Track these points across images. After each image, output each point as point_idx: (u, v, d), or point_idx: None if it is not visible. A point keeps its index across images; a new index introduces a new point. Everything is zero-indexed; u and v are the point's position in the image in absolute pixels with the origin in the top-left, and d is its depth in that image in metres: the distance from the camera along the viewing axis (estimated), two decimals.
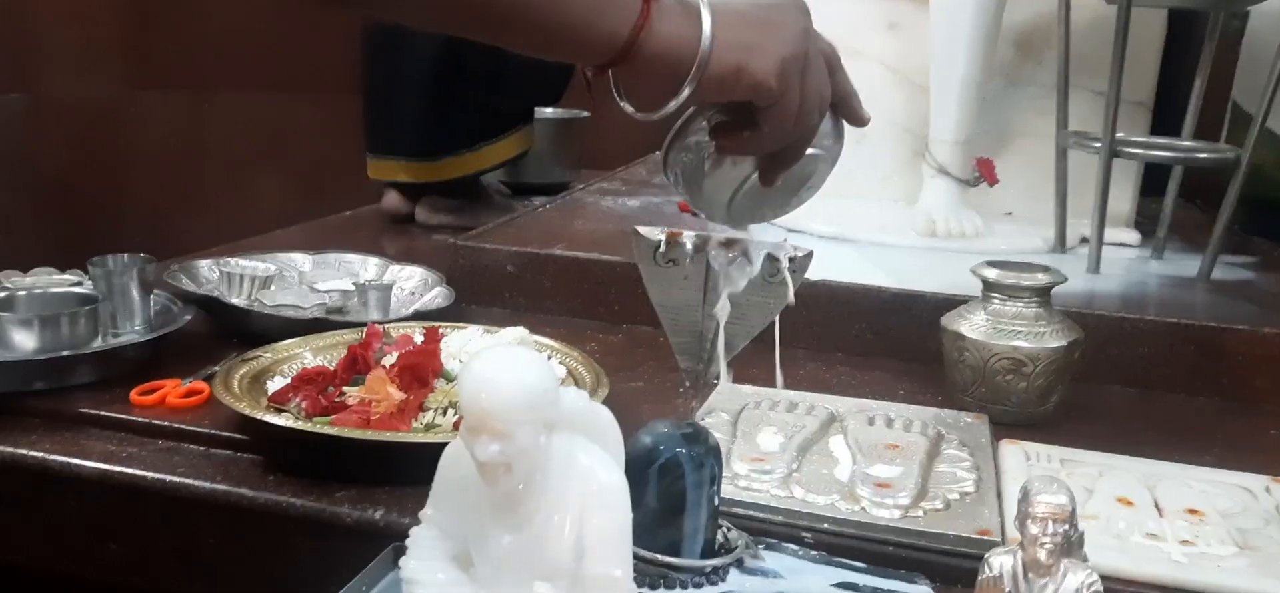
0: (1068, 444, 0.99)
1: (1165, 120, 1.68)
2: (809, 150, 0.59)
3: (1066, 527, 0.51)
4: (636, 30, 0.52)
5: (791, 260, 0.63)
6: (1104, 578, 0.75)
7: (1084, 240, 1.53)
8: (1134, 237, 1.66)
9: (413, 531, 0.49)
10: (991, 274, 1.07)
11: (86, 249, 1.22)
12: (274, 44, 2.92)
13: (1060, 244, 1.56)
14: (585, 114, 2.33)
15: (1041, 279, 1.05)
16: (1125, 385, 1.22)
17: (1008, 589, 0.52)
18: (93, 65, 2.43)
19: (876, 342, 1.28)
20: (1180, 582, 0.76)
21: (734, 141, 0.57)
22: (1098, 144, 1.41)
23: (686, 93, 0.53)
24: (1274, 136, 1.64)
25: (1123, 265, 1.53)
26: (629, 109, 0.57)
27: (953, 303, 1.13)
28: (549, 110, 2.19)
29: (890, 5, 1.76)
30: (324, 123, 2.51)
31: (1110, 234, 1.61)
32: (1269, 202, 1.72)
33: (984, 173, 1.67)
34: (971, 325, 1.07)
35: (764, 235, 0.63)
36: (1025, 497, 0.52)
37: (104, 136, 2.78)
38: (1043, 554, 0.51)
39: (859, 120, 0.62)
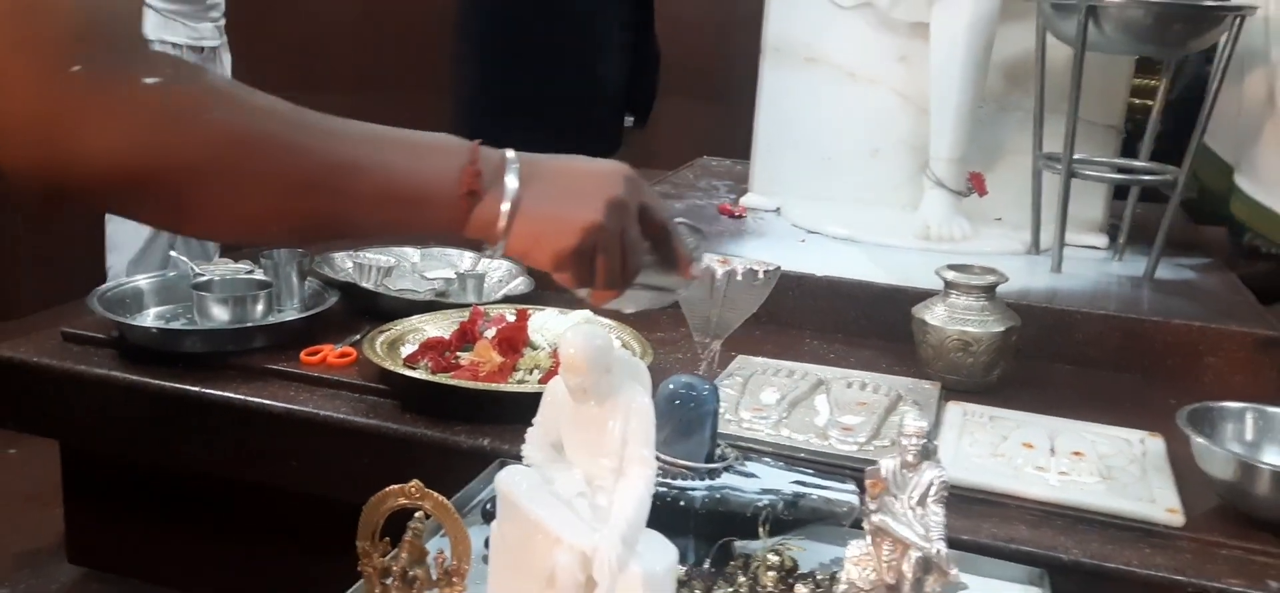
0: (1003, 407, 1.30)
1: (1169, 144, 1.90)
2: (638, 287, 0.79)
3: (924, 441, 0.83)
4: (456, 224, 0.68)
5: (766, 272, 0.95)
6: (999, 495, 1.08)
7: None
8: (1103, 240, 1.94)
9: (527, 431, 0.82)
10: (950, 274, 1.38)
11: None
12: (366, 48, 3.26)
13: (1036, 247, 1.85)
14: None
15: (987, 279, 1.36)
16: (1065, 364, 1.52)
17: (885, 477, 0.83)
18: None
19: (869, 325, 1.59)
20: (1049, 498, 1.07)
21: (558, 277, 0.75)
22: (1060, 165, 1.71)
23: (494, 255, 0.72)
24: (1218, 159, 1.91)
25: (1087, 265, 1.82)
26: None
27: (927, 296, 1.44)
28: None
29: (901, 40, 2.06)
30: (412, 124, 2.90)
31: (1083, 238, 1.90)
32: (1219, 217, 2.00)
33: (975, 185, 1.97)
34: (933, 314, 1.38)
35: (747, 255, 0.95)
36: (901, 422, 0.84)
37: None
38: (909, 457, 0.83)
39: (686, 274, 0.81)
